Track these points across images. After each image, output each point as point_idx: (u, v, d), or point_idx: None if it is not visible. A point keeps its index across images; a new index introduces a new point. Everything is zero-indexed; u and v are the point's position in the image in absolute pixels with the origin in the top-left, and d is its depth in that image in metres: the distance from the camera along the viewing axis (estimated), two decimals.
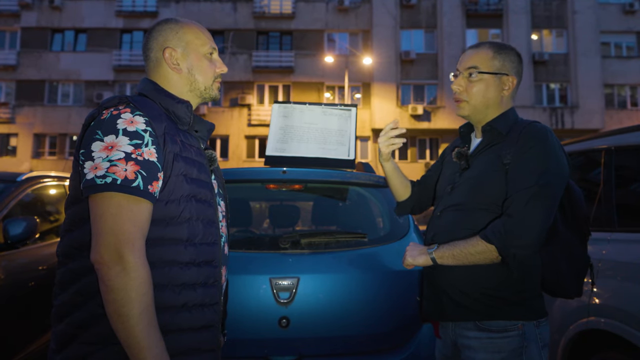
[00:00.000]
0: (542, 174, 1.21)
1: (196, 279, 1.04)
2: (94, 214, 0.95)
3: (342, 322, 1.85)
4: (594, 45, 19.53)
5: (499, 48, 1.36)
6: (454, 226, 1.32)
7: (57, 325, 1.01)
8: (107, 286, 0.91)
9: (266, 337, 1.82)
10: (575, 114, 19.33)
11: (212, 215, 1.11)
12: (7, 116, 19.81)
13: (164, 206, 1.01)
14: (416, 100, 19.79)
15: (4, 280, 2.46)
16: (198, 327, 1.04)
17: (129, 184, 0.94)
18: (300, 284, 1.82)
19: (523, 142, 1.25)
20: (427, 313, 1.42)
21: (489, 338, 1.26)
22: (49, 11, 20.27)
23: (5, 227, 2.50)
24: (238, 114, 19.96)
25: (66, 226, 1.04)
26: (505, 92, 1.36)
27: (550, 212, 1.21)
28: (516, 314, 1.26)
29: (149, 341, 0.91)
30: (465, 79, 1.36)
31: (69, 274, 1.00)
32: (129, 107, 1.01)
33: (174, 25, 1.16)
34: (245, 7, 20.37)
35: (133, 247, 0.92)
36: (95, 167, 0.95)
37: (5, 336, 2.44)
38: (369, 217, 2.44)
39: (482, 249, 1.23)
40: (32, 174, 3.11)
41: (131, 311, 0.90)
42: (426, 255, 1.32)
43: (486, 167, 1.30)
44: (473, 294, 1.28)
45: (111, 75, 19.99)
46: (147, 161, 0.97)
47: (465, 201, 1.32)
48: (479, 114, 1.37)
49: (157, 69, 1.14)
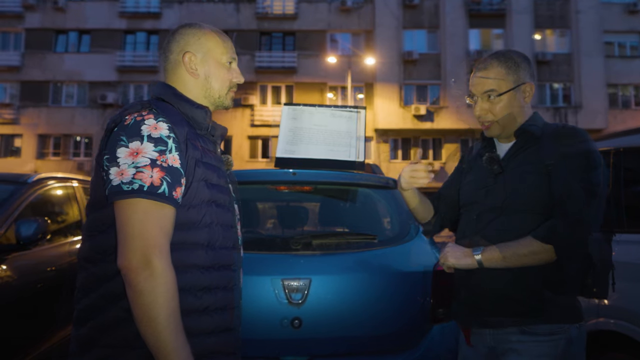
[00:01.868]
0: (593, 173, 1.21)
1: (217, 283, 1.06)
2: (121, 219, 0.95)
3: (353, 323, 1.87)
4: (598, 45, 19.49)
5: (509, 61, 1.34)
6: (495, 228, 1.29)
7: (80, 328, 1.01)
8: (135, 291, 0.92)
9: (278, 338, 1.84)
10: (578, 113, 19.30)
11: (231, 220, 1.12)
12: (11, 117, 19.90)
13: (186, 211, 1.02)
14: (419, 100, 19.78)
15: (17, 280, 2.48)
16: (220, 331, 1.06)
17: (155, 190, 0.95)
18: (312, 284, 1.84)
19: (567, 143, 1.25)
20: (462, 319, 1.38)
21: (535, 342, 1.23)
22: (52, 12, 20.35)
23: (17, 228, 2.53)
24: (241, 114, 19.99)
25: (88, 231, 1.04)
26: (527, 99, 1.37)
27: (602, 211, 1.22)
28: (562, 316, 1.24)
29: (176, 344, 0.92)
30: (486, 101, 1.35)
31: (92, 278, 1.01)
32: (152, 112, 1.02)
33: (197, 30, 1.16)
34: (248, 8, 20.41)
35: (160, 252, 0.94)
36: (121, 173, 0.95)
37: (16, 336, 2.47)
38: (377, 218, 2.45)
39: (537, 249, 1.20)
40: (42, 175, 3.14)
41: (159, 315, 0.91)
42: (471, 258, 1.27)
43: (525, 169, 1.28)
44: (517, 297, 1.25)
45: (114, 76, 20.06)
46: (171, 167, 0.98)
47: (503, 204, 1.29)
48: (508, 129, 1.36)
49: (174, 71, 1.15)
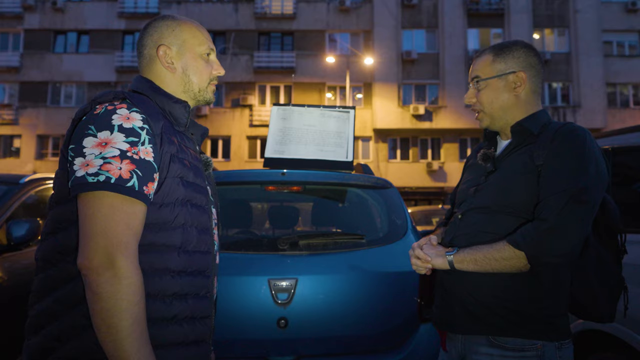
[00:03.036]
0: (580, 177, 1.09)
1: (188, 290, 0.98)
2: (83, 214, 0.87)
3: (340, 323, 1.87)
4: (596, 44, 19.47)
5: (499, 49, 1.28)
6: (476, 229, 1.22)
7: (32, 337, 0.92)
8: (95, 294, 0.83)
9: (265, 338, 1.84)
10: (577, 113, 19.29)
11: (207, 222, 1.05)
12: (10, 117, 19.91)
13: (157, 210, 0.94)
14: (418, 100, 19.78)
15: (8, 281, 2.49)
16: (189, 342, 0.97)
17: (123, 183, 0.87)
18: (298, 285, 1.84)
19: (559, 142, 1.14)
20: (437, 322, 1.32)
21: (502, 356, 1.14)
22: (51, 13, 20.36)
23: (8, 229, 2.54)
24: (240, 114, 19.99)
25: (49, 228, 0.95)
26: (519, 90, 1.26)
27: (589, 219, 1.09)
28: (536, 332, 1.13)
29: (139, 356, 0.83)
30: (475, 89, 1.31)
31: (48, 281, 0.92)
32: (125, 102, 0.95)
33: (171, 22, 1.10)
34: (247, 8, 20.41)
35: (126, 252, 0.85)
36: (86, 164, 0.87)
37: (8, 336, 2.47)
38: (367, 218, 2.46)
39: (509, 255, 1.11)
40: (35, 176, 3.15)
41: (121, 322, 0.82)
42: (443, 258, 1.20)
43: (515, 169, 1.20)
44: (489, 305, 1.16)
45: (113, 77, 20.07)
46: (143, 160, 0.90)
47: (490, 204, 1.21)
48: (498, 120, 1.28)
49: (150, 67, 1.07)
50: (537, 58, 1.29)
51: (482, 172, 1.31)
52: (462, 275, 1.20)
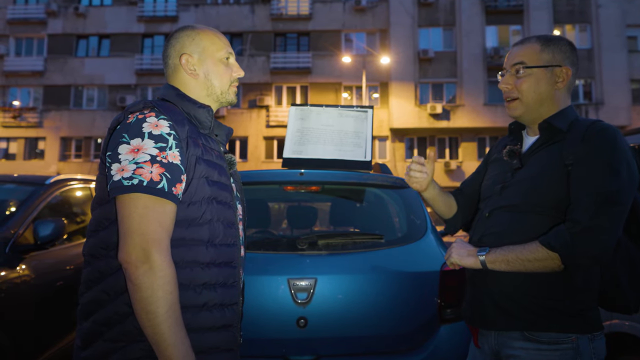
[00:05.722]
0: (613, 179, 1.09)
1: (216, 279, 1.07)
2: (121, 214, 0.97)
3: (359, 323, 1.87)
4: (620, 39, 18.95)
5: (546, 40, 1.26)
6: (505, 229, 1.22)
7: (83, 322, 1.03)
8: (134, 285, 0.94)
9: (284, 337, 1.85)
10: (600, 110, 18.80)
11: (232, 217, 1.13)
12: (35, 120, 20.51)
13: (186, 208, 1.03)
14: (435, 99, 19.58)
15: (35, 280, 2.56)
16: (218, 327, 1.07)
17: (154, 185, 0.97)
18: (317, 284, 1.85)
19: (590, 142, 1.13)
20: (468, 318, 1.32)
21: (537, 350, 1.16)
22: (73, 18, 20.89)
23: (35, 229, 2.61)
24: (257, 115, 20.14)
25: (92, 227, 1.06)
26: (560, 85, 1.25)
27: (621, 221, 1.10)
28: (570, 325, 1.15)
29: (175, 338, 0.94)
30: (513, 76, 1.27)
31: (95, 273, 1.03)
32: (154, 111, 1.04)
33: (191, 32, 1.18)
34: (263, 10, 20.55)
35: (159, 247, 0.95)
36: (122, 169, 0.97)
37: (36, 333, 2.55)
38: (386, 218, 2.44)
39: (542, 256, 1.12)
40: (60, 177, 3.23)
41: (158, 309, 0.93)
42: (475, 258, 1.21)
43: (543, 167, 1.19)
44: (522, 302, 1.18)
45: (133, 79, 20.46)
46: (171, 164, 1.00)
47: (518, 202, 1.21)
48: (532, 112, 1.26)
49: (175, 75, 1.17)
50: (577, 57, 1.29)
51: (508, 168, 1.29)
52: (494, 273, 1.21)
